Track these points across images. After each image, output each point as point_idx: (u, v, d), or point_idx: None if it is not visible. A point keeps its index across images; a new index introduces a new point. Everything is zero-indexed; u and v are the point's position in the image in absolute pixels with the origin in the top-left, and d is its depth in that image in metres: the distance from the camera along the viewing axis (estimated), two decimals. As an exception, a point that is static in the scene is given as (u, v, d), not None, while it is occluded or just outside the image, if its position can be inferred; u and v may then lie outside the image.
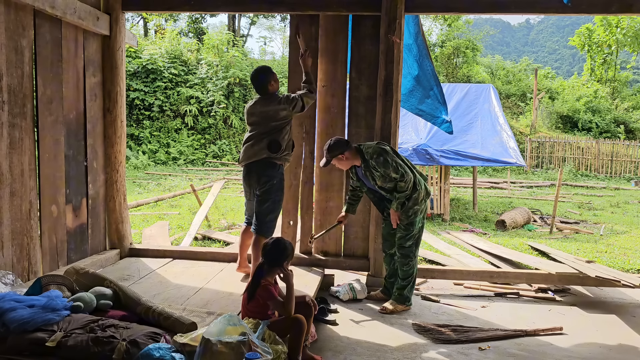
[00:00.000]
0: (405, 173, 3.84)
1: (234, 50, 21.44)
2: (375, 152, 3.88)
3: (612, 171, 18.84)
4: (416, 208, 3.94)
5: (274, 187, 3.91)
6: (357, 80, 4.64)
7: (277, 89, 4.04)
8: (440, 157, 8.42)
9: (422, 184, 3.98)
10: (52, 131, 3.96)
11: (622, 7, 4.25)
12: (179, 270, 4.40)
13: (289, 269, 2.89)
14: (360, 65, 4.62)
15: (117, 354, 2.40)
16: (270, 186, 3.89)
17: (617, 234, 7.96)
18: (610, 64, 27.79)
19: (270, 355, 2.39)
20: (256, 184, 3.93)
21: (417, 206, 3.94)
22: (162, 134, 17.94)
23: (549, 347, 3.42)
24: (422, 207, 3.98)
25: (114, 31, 4.61)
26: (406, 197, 3.90)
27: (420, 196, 3.93)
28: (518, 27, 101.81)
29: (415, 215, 3.94)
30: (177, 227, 7.30)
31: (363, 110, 4.63)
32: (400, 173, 3.83)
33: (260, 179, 3.90)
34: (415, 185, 3.91)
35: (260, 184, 3.91)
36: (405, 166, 3.91)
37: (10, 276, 3.25)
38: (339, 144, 3.92)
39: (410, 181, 3.86)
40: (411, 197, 3.91)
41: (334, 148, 3.90)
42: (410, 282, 4.02)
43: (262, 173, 3.89)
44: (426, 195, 4.00)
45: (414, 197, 3.91)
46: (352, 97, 4.66)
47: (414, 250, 4.01)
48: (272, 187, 3.90)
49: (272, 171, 3.90)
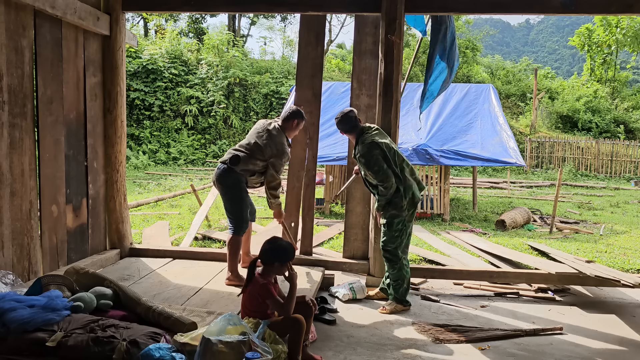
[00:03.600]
0: (386, 179, 3.84)
1: (234, 50, 21.45)
2: (365, 147, 3.91)
3: (612, 171, 18.84)
4: (394, 213, 3.92)
5: (229, 187, 4.08)
6: (357, 90, 4.89)
7: (292, 131, 4.22)
8: (440, 157, 8.42)
9: (410, 194, 3.93)
10: (52, 131, 3.96)
11: (622, 7, 4.26)
12: (179, 270, 4.40)
13: (293, 270, 2.91)
14: (361, 76, 4.86)
15: (118, 354, 2.40)
16: (226, 187, 4.09)
17: (616, 234, 7.96)
18: (610, 64, 27.77)
19: (270, 355, 2.39)
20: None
21: (395, 211, 3.92)
22: (162, 134, 17.94)
23: (549, 347, 3.42)
24: (402, 214, 3.94)
25: (114, 31, 4.61)
26: (387, 201, 3.92)
27: (402, 203, 3.90)
28: (518, 27, 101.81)
29: (392, 218, 3.93)
30: (177, 227, 7.30)
31: (364, 118, 4.75)
32: (380, 179, 3.85)
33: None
34: (397, 191, 3.89)
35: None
36: (391, 171, 3.87)
37: (11, 276, 3.25)
38: (345, 121, 4.08)
39: (390, 188, 3.86)
40: (392, 202, 3.92)
41: (340, 121, 4.10)
42: (401, 283, 4.00)
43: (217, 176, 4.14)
44: (410, 205, 3.97)
45: (395, 201, 3.91)
46: (352, 105, 4.85)
47: (398, 254, 3.98)
48: (227, 188, 4.09)
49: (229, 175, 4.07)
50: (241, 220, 4.12)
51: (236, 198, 4.10)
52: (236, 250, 4.08)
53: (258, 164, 4.06)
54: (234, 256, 4.06)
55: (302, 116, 4.22)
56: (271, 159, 4.03)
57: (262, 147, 4.05)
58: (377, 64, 4.63)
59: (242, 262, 4.36)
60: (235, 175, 4.04)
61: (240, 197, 4.11)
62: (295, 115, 4.19)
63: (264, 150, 4.04)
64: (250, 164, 4.04)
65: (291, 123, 4.18)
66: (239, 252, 4.14)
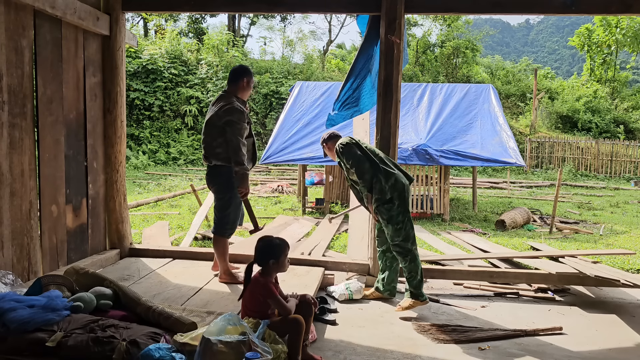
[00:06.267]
0: (360, 171, 3.89)
1: (234, 50, 21.47)
2: (341, 145, 4.03)
3: (611, 171, 18.85)
4: (387, 206, 3.91)
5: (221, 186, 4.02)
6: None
7: (244, 91, 4.07)
8: (440, 157, 8.43)
9: (392, 179, 3.89)
10: (52, 131, 3.96)
11: (622, 7, 4.25)
12: (178, 270, 4.40)
13: (287, 264, 2.96)
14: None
15: (117, 354, 2.40)
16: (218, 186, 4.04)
17: (616, 234, 7.96)
18: (609, 64, 27.79)
19: (270, 355, 2.39)
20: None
21: (380, 196, 3.90)
22: (162, 134, 17.95)
23: (549, 347, 3.42)
24: (389, 200, 3.89)
25: (114, 31, 4.61)
26: (368, 189, 3.94)
27: (382, 187, 3.89)
28: (518, 27, 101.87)
29: (389, 211, 3.90)
30: (177, 227, 7.30)
31: (365, 117, 4.73)
32: (359, 174, 3.91)
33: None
34: (376, 176, 3.89)
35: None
36: (365, 165, 3.90)
37: (10, 276, 3.25)
38: (328, 136, 4.28)
39: (365, 181, 3.89)
40: (373, 188, 3.94)
41: (325, 138, 4.30)
42: (414, 275, 3.92)
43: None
44: (394, 190, 3.90)
45: (376, 187, 3.91)
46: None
47: (406, 246, 3.92)
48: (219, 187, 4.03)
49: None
50: (228, 219, 4.09)
51: (229, 196, 4.05)
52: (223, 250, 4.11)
53: (218, 140, 3.86)
54: (223, 257, 4.10)
55: (250, 73, 4.04)
56: (223, 120, 3.81)
57: (213, 121, 3.87)
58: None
59: (215, 267, 4.29)
60: (216, 171, 3.97)
61: (232, 194, 4.03)
62: (242, 73, 4.01)
63: (215, 122, 3.86)
64: (215, 146, 3.87)
65: (241, 83, 4.01)
66: (227, 251, 4.14)
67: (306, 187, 9.67)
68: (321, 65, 25.64)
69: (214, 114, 3.89)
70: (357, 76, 4.79)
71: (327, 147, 4.28)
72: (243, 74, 4.02)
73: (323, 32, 78.93)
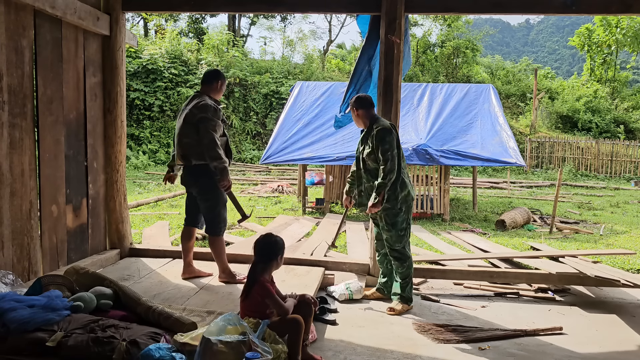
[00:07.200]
0: (390, 160, 3.79)
1: (234, 50, 21.47)
2: (384, 127, 3.89)
3: (611, 171, 18.84)
4: (394, 212, 3.89)
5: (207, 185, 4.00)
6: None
7: (217, 93, 4.09)
8: (440, 157, 8.42)
9: (406, 191, 3.91)
10: (52, 131, 3.96)
11: (622, 7, 4.25)
12: (178, 270, 4.39)
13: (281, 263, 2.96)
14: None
15: (117, 354, 2.40)
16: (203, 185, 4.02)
17: (617, 234, 7.96)
18: (610, 64, 27.78)
19: (270, 354, 2.39)
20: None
21: (388, 204, 3.88)
22: (162, 134, 17.94)
23: (549, 347, 3.42)
24: (397, 208, 3.90)
25: (114, 31, 4.61)
26: (385, 188, 3.84)
27: (396, 196, 3.87)
28: (518, 27, 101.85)
29: (395, 216, 3.90)
30: (177, 227, 7.30)
31: None
32: (386, 158, 3.80)
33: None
34: (396, 183, 3.86)
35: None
36: (396, 161, 3.85)
37: (11, 276, 3.25)
38: (361, 101, 4.05)
39: (391, 172, 3.80)
40: (390, 198, 3.87)
41: (357, 101, 4.07)
42: (408, 282, 4.01)
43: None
44: (404, 202, 3.91)
45: (389, 194, 3.86)
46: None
47: (406, 252, 3.98)
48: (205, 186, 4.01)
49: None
50: (219, 218, 4.08)
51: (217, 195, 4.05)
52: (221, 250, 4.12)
53: (196, 138, 3.85)
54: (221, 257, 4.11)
55: (224, 77, 4.11)
56: (197, 117, 3.82)
57: (189, 119, 3.86)
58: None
59: (184, 274, 4.19)
60: (198, 170, 3.94)
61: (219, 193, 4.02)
62: (216, 76, 4.06)
63: (191, 120, 3.85)
64: (195, 145, 3.86)
65: (215, 85, 4.05)
66: (224, 250, 4.15)
67: (306, 187, 9.67)
68: (321, 65, 25.64)
69: (189, 112, 3.90)
70: (360, 77, 4.82)
71: (357, 113, 4.05)
72: (218, 77, 4.08)
73: (323, 32, 78.85)
